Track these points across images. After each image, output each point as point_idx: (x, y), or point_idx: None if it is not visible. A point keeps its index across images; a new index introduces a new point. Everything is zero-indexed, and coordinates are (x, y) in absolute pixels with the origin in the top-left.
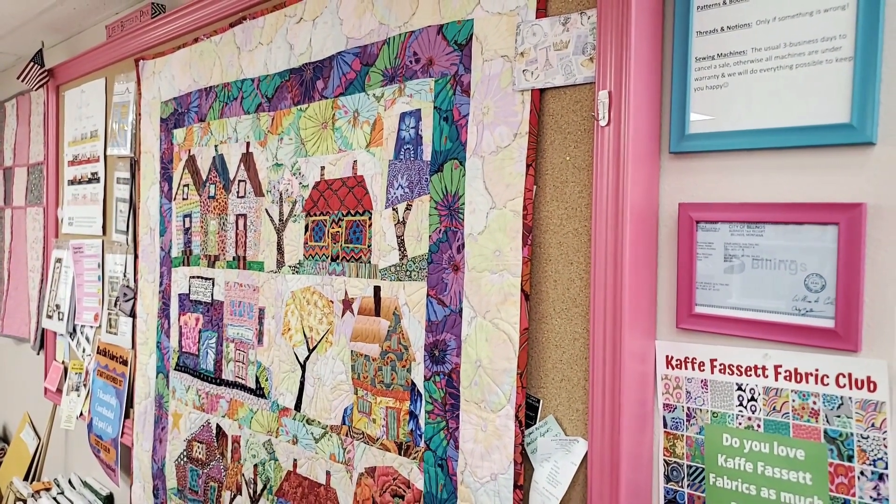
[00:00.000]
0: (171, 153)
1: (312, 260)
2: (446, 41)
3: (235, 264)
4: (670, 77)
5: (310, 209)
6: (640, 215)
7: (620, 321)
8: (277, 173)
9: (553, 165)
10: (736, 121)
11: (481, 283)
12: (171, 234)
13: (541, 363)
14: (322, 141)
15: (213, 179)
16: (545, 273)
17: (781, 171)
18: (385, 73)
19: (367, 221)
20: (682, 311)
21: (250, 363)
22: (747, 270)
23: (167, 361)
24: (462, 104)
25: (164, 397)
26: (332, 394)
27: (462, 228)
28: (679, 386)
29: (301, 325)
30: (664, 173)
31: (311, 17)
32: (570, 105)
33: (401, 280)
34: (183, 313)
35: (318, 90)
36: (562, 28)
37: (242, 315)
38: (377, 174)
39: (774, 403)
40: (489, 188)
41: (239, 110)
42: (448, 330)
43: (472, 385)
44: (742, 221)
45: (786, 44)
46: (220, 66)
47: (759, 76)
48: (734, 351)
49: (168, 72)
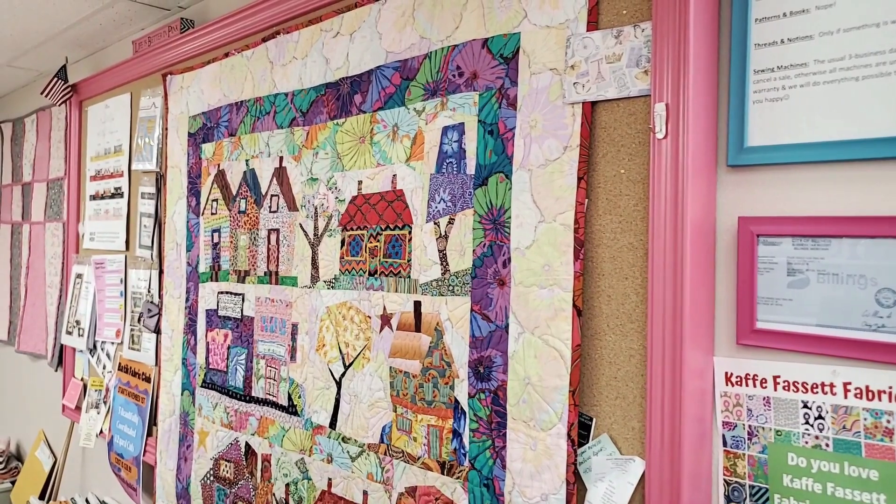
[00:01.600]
0: (199, 168)
1: (349, 275)
2: (491, 55)
3: (267, 279)
4: (726, 89)
5: (346, 223)
6: (699, 229)
7: (681, 337)
8: (312, 188)
9: (606, 178)
10: (797, 133)
11: (529, 299)
12: (199, 249)
13: (594, 380)
14: (360, 155)
15: (244, 194)
16: (598, 288)
17: (848, 184)
18: (426, 87)
19: (407, 235)
20: (743, 327)
21: (282, 380)
22: (812, 285)
23: (193, 378)
24: (508, 117)
25: (190, 415)
26: (370, 411)
27: (508, 242)
28: (739, 403)
29: (336, 341)
30: (721, 187)
31: (348, 31)
32: (624, 117)
33: (443, 295)
34: (210, 329)
35: (356, 104)
36: (614, 41)
37: (274, 331)
38: (418, 188)
39: (844, 422)
40: (537, 202)
41: (272, 125)
42: (493, 346)
43: (521, 403)
44: (806, 235)
45: (851, 55)
46: (252, 80)
47: (822, 88)
48: (799, 367)
49: (197, 86)
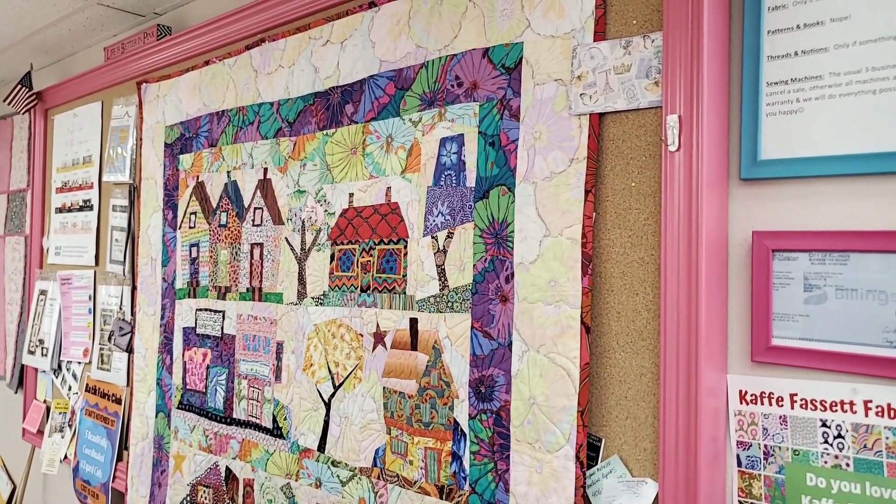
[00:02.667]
0: (176, 179)
1: (339, 291)
2: (493, 65)
3: (250, 296)
4: (738, 102)
5: (336, 237)
6: (713, 244)
7: (696, 355)
8: (299, 200)
9: (614, 192)
10: (813, 147)
11: (534, 315)
12: (176, 264)
13: (603, 400)
14: (351, 167)
15: (225, 207)
16: (607, 304)
17: (866, 198)
18: (423, 97)
19: (402, 250)
20: (758, 344)
21: (266, 401)
22: (830, 301)
23: (169, 399)
24: (510, 129)
25: (165, 438)
26: (362, 433)
27: (511, 257)
28: (754, 422)
29: (325, 361)
30: (733, 201)
31: (338, 39)
32: (633, 130)
33: (441, 312)
34: (188, 348)
35: (347, 115)
36: (623, 51)
37: (257, 350)
38: (414, 201)
39: (865, 441)
40: (542, 215)
41: (255, 135)
42: (496, 365)
43: (525, 424)
44: (824, 250)
45: (868, 68)
46: (235, 89)
47: (838, 101)
48: (817, 385)
49: (174, 95)
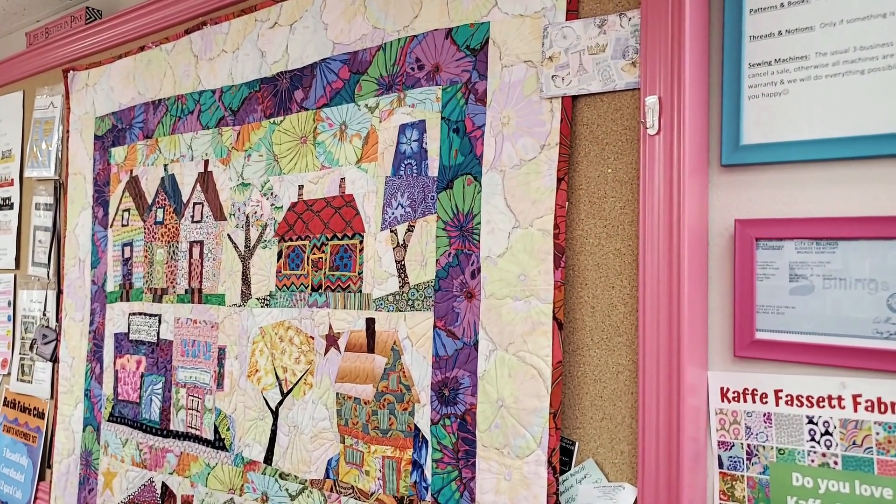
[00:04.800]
0: (107, 174)
1: (287, 291)
2: (456, 46)
3: (188, 298)
4: (719, 85)
5: (284, 233)
6: (694, 233)
7: (678, 351)
8: (243, 194)
9: (589, 179)
10: (798, 130)
11: (502, 312)
12: (107, 265)
13: (577, 401)
14: (300, 157)
15: (162, 203)
16: (581, 299)
17: (854, 183)
18: (380, 81)
19: (358, 245)
20: (741, 338)
21: (207, 410)
22: (817, 291)
23: (98, 412)
24: (476, 114)
25: (94, 454)
26: (313, 443)
27: (477, 251)
28: (737, 421)
29: (272, 366)
30: (713, 188)
31: (287, 21)
32: (609, 113)
33: (401, 310)
34: (120, 355)
35: (297, 101)
36: (597, 30)
37: (197, 356)
38: (370, 192)
39: (854, 437)
40: (511, 205)
41: (195, 125)
42: (460, 366)
43: (493, 428)
44: (810, 238)
45: (856, 47)
46: (173, 76)
47: (824, 82)
48: (803, 380)
49: (105, 84)
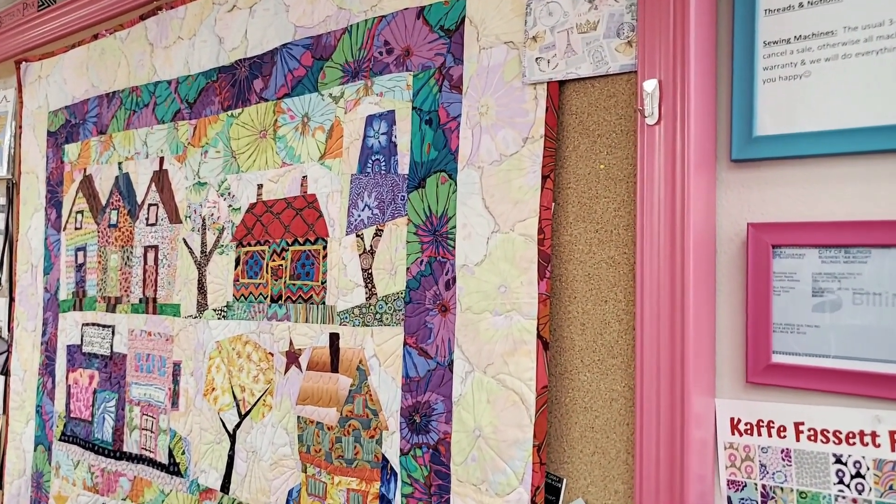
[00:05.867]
0: (60, 173)
1: (245, 301)
2: (429, 26)
3: (143, 308)
4: (728, 67)
5: (242, 237)
6: (700, 239)
7: (682, 375)
8: (200, 194)
9: (578, 177)
10: (822, 119)
11: (480, 328)
12: (60, 271)
13: (564, 431)
14: (260, 153)
15: (116, 204)
16: (569, 314)
17: (890, 181)
18: (345, 67)
19: (321, 251)
20: (755, 362)
21: (161, 432)
22: (846, 308)
23: (49, 430)
24: (451, 103)
25: (45, 475)
26: (272, 471)
27: (452, 258)
28: (750, 457)
29: (229, 385)
30: (722, 186)
31: (247, 4)
32: (601, 101)
33: (367, 325)
34: (73, 369)
35: (256, 91)
36: (588, 6)
37: (151, 371)
38: (334, 192)
39: (891, 481)
40: (490, 207)
41: (151, 119)
42: (433, 389)
43: (469, 461)
44: (838, 245)
45: (893, 20)
46: (128, 66)
47: (855, 62)
48: (830, 412)
49: (59, 75)
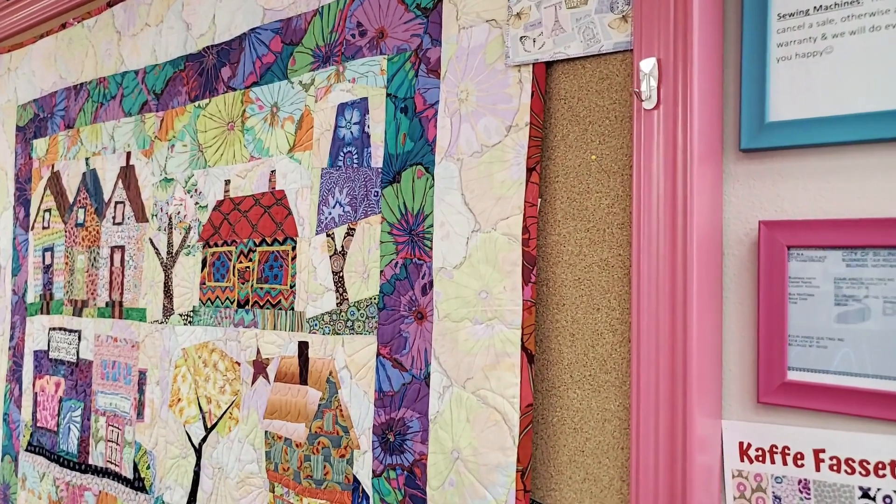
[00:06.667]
0: (28, 170)
1: (211, 306)
2: (405, 5)
3: (109, 312)
4: (737, 43)
5: (209, 237)
6: (704, 239)
7: (683, 394)
8: (166, 191)
9: (567, 169)
10: (846, 102)
11: (459, 338)
12: (28, 272)
13: (552, 455)
14: (227, 146)
15: (83, 202)
16: (557, 324)
17: None
18: (316, 52)
19: (290, 252)
20: (767, 379)
21: (127, 444)
22: (876, 318)
23: (16, 439)
24: (428, 89)
25: (11, 487)
26: (239, 490)
27: (429, 261)
28: (761, 487)
29: (195, 395)
30: (730, 179)
31: None
32: (593, 83)
33: (338, 333)
34: (39, 376)
35: (224, 80)
36: None
37: (117, 379)
38: (304, 188)
39: None
40: (470, 204)
41: (118, 112)
42: (408, 405)
43: (447, 485)
44: (865, 246)
45: None
46: (95, 56)
47: (884, 35)
48: (855, 438)
49: (27, 67)
